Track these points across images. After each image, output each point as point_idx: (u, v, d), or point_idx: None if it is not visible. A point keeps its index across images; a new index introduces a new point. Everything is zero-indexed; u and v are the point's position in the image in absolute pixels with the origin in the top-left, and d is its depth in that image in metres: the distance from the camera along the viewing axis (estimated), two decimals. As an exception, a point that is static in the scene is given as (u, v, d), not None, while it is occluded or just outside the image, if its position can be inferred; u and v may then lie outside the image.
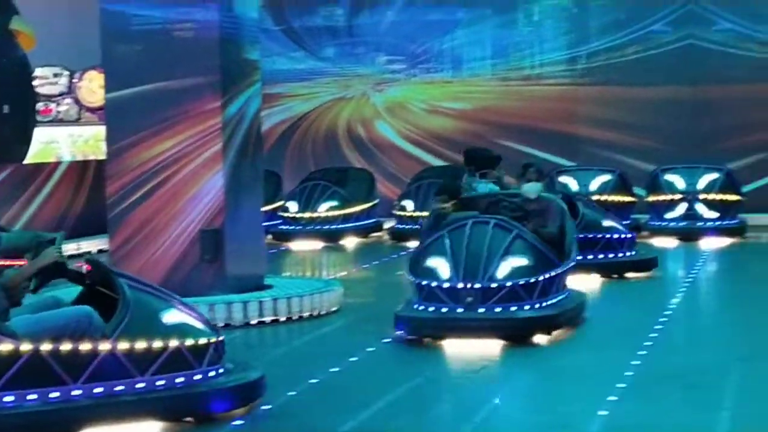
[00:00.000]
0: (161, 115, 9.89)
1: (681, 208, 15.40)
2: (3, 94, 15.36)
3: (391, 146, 18.68)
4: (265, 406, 6.69)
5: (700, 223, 15.21)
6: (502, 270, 8.64)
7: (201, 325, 6.56)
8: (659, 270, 12.09)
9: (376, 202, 16.85)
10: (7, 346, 5.90)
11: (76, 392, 6.05)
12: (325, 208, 16.02)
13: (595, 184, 15.67)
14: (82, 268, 6.67)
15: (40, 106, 16.59)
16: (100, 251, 10.87)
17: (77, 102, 17.11)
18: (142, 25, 9.96)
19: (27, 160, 15.59)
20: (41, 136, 16.40)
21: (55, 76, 17.01)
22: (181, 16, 9.91)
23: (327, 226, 15.94)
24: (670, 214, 15.41)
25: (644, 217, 15.55)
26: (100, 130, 12.41)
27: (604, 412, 6.54)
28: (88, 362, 6.06)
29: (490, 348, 8.28)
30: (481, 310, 8.51)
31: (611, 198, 15.35)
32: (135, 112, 9.94)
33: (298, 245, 15.66)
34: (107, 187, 10.08)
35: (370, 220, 16.60)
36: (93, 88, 16.74)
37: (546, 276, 8.71)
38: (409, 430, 6.42)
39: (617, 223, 12.32)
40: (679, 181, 15.75)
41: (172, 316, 6.45)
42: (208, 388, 6.39)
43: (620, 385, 7.11)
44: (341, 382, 7.49)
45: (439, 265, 8.77)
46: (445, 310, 8.59)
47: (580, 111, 17.99)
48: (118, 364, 6.14)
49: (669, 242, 14.73)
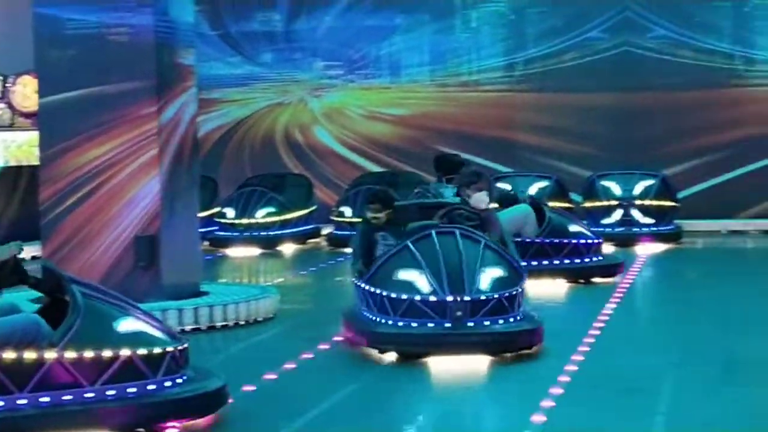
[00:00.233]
0: (96, 120, 9.78)
1: (617, 214, 15.53)
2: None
3: (329, 152, 18.65)
4: (199, 414, 6.63)
5: (636, 229, 15.35)
6: (484, 281, 8.26)
7: (159, 334, 6.44)
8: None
9: (314, 208, 16.80)
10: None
11: (22, 401, 5.94)
12: (263, 214, 15.96)
13: (533, 190, 15.75)
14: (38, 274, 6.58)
15: (-27, 111, 16.36)
16: (33, 258, 10.70)
17: (11, 107, 16.87)
18: (76, 30, 9.85)
19: (-41, 166, 15.37)
20: (-26, 141, 16.16)
21: (-12, 80, 16.78)
22: (116, 20, 9.81)
23: (264, 233, 15.87)
24: (607, 220, 15.53)
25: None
26: (34, 136, 12.25)
27: (541, 417, 6.55)
28: (34, 371, 5.95)
29: (435, 357, 8.23)
30: (470, 324, 8.06)
31: (548, 204, 15.42)
32: (69, 117, 9.82)
33: (235, 251, 15.58)
34: (41, 193, 9.95)
35: (308, 227, 16.55)
36: (27, 93, 16.50)
37: (522, 286, 8.43)
38: (345, 437, 6.41)
39: (584, 228, 12.36)
40: (616, 188, 15.89)
41: (128, 325, 6.33)
42: (162, 399, 6.25)
43: (556, 391, 7.13)
44: (277, 390, 7.45)
45: (415, 278, 8.25)
46: (431, 326, 8.09)
47: (518, 117, 18.07)
48: (66, 373, 6.03)
49: (605, 248, 14.80)
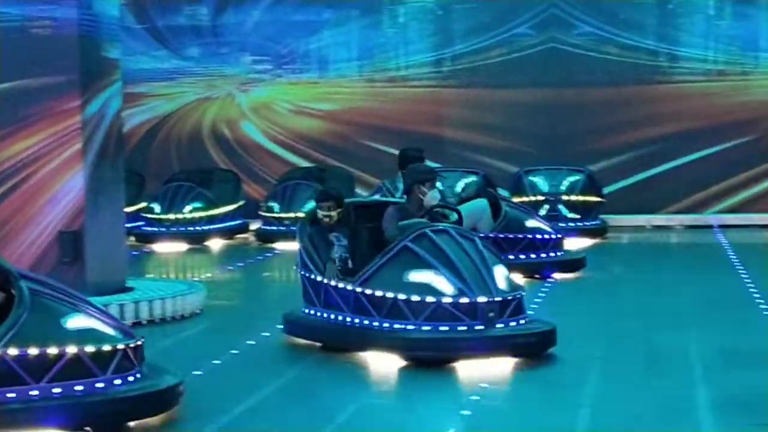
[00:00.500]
0: (18, 115, 9.66)
1: (544, 210, 15.63)
2: None
3: (256, 147, 18.57)
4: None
5: (563, 224, 15.46)
6: (501, 281, 8.03)
7: (111, 331, 6.35)
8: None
9: (242, 203, 16.74)
10: None
11: None
12: (190, 210, 15.87)
13: (460, 185, 15.80)
14: None
15: None
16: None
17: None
18: (-1, 22, 9.73)
19: None
20: None
21: None
22: (39, 13, 9.69)
23: (191, 228, 15.79)
24: (534, 215, 15.62)
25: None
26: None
27: (466, 412, 6.58)
28: None
29: (361, 352, 8.22)
30: (499, 326, 7.85)
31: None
32: (-9, 110, 9.71)
33: (162, 247, 15.47)
34: (-38, 189, 9.82)
35: (236, 222, 16.48)
36: (-51, 86, 16.26)
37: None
38: (271, 432, 6.39)
39: (543, 224, 12.27)
40: (542, 183, 16.02)
41: (77, 322, 6.24)
42: (111, 397, 6.15)
43: (482, 385, 7.17)
44: (203, 386, 7.39)
45: (431, 279, 7.92)
46: (463, 329, 7.78)
47: (446, 113, 18.13)
48: (9, 371, 5.94)
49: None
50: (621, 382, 7.33)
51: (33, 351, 6.01)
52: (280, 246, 15.37)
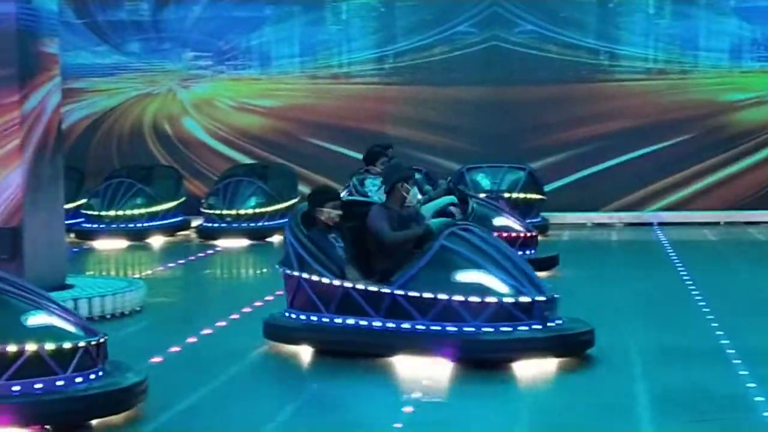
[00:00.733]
0: (-45, 110, 9.55)
1: (486, 207, 15.66)
2: None
3: (198, 143, 18.48)
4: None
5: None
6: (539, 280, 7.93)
7: (73, 329, 6.29)
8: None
9: (183, 200, 16.65)
10: None
11: None
12: (130, 206, 15.77)
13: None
14: None
15: None
16: None
17: None
18: (-65, 15, 9.59)
19: None
20: None
21: None
22: (-24, 7, 9.58)
23: (132, 225, 15.68)
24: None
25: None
26: None
27: (408, 409, 6.58)
28: None
29: (302, 349, 8.19)
30: (551, 325, 7.70)
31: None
32: (-73, 106, 9.57)
33: (102, 244, 15.36)
34: None
35: (177, 219, 16.40)
36: None
37: None
38: (209, 431, 6.35)
39: (513, 221, 12.15)
40: (484, 180, 16.08)
41: (37, 319, 6.17)
42: (71, 395, 6.08)
43: (425, 383, 7.18)
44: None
45: (481, 279, 7.67)
46: (524, 329, 7.60)
47: (388, 110, 18.15)
48: None
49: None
50: (561, 378, 7.36)
51: None
52: (222, 243, 15.31)
